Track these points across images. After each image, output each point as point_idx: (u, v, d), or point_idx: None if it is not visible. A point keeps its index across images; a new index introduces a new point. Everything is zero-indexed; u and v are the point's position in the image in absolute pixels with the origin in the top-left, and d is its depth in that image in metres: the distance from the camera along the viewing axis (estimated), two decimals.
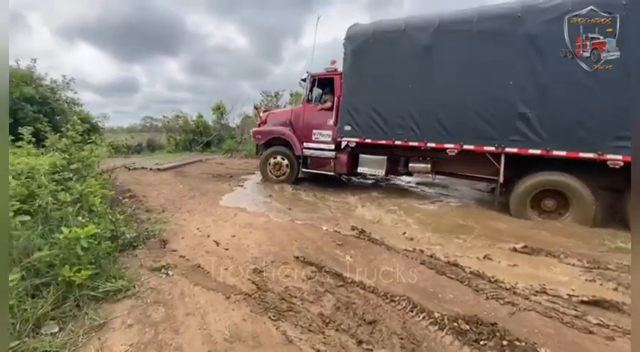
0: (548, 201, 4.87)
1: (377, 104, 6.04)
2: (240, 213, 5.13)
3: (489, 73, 5.09)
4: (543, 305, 2.72)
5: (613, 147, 4.34)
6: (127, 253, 3.48)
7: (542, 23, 4.68)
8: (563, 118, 4.63)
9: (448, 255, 3.67)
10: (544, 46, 4.70)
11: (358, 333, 2.33)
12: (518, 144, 4.91)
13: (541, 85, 4.75)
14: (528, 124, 4.84)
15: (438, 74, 5.49)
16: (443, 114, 5.48)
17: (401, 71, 5.78)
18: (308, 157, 7.08)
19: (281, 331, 2.31)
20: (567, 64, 4.56)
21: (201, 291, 2.79)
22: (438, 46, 5.46)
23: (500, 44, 4.98)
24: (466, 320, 2.43)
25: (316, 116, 6.94)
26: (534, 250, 3.85)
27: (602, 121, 4.41)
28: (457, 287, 2.99)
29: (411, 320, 2.51)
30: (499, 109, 5.03)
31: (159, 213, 4.98)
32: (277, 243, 3.91)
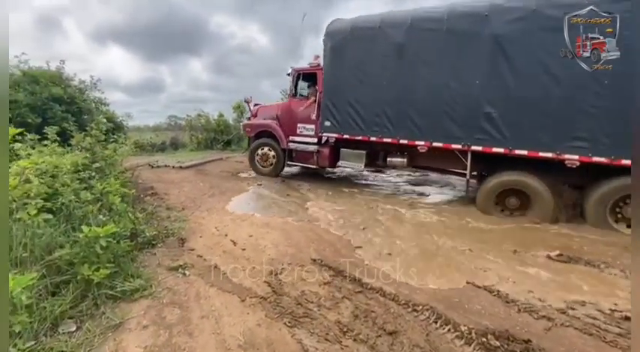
0: (511, 199, 4.96)
1: (354, 101, 6.15)
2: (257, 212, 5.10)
3: (458, 73, 5.15)
4: (582, 321, 2.48)
5: (570, 147, 4.43)
6: (146, 251, 3.49)
7: (506, 23, 4.72)
8: (525, 119, 4.71)
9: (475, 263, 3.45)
10: (508, 46, 4.75)
11: (378, 344, 2.20)
12: (484, 142, 5.00)
13: (505, 85, 4.79)
14: (493, 124, 4.91)
15: (410, 72, 5.54)
16: (414, 112, 5.59)
17: (377, 68, 5.86)
18: (293, 150, 7.32)
19: (296, 339, 2.21)
20: (530, 66, 4.64)
21: (216, 293, 2.74)
22: (411, 44, 5.50)
23: (468, 43, 5.02)
24: (496, 336, 2.24)
25: (301, 110, 7.13)
26: (571, 258, 3.56)
27: (559, 122, 4.49)
28: (485, 297, 2.79)
29: (434, 332, 2.34)
30: (466, 108, 5.11)
31: (179, 211, 5.02)
32: (294, 244, 3.82)
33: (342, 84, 6.27)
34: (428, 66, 5.40)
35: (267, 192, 6.34)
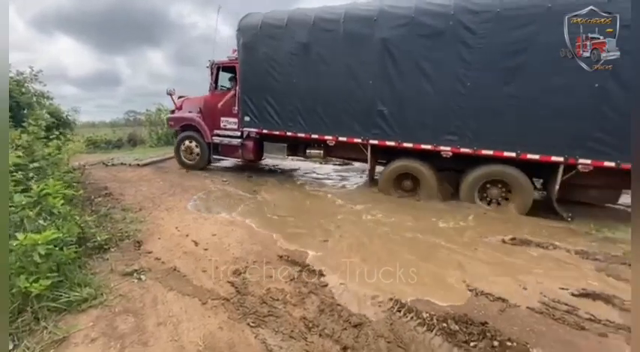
0: (406, 182, 5.62)
1: (270, 96, 6.32)
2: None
3: (354, 73, 5.50)
4: (533, 300, 2.64)
5: (444, 141, 5.03)
6: (97, 257, 3.24)
7: (392, 28, 5.09)
8: (409, 116, 5.23)
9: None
10: (394, 49, 5.13)
11: (343, 338, 2.19)
12: (379, 136, 5.52)
13: (393, 85, 5.24)
14: (385, 120, 5.39)
15: (316, 71, 5.79)
16: (321, 108, 5.89)
17: (286, 66, 6.04)
18: (218, 144, 7.32)
19: (260, 339, 2.15)
20: (411, 68, 5.09)
21: (175, 297, 2.59)
22: (314, 44, 5.72)
23: (362, 45, 5.35)
24: (455, 320, 2.32)
25: (223, 104, 7.03)
26: (523, 242, 3.80)
27: (435, 120, 5.06)
28: (445, 284, 2.88)
29: (398, 321, 2.38)
30: (363, 106, 5.54)
31: (135, 212, 4.71)
32: (260, 241, 3.73)
33: (257, 79, 6.37)
34: (329, 65, 5.68)
35: (232, 189, 6.14)
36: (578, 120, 4.25)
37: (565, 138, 4.36)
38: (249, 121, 6.66)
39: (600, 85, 4.07)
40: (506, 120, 4.62)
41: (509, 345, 2.10)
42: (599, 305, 2.62)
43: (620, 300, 2.65)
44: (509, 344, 2.11)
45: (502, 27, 4.46)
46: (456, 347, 2.12)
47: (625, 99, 3.95)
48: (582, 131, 4.26)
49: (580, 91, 4.18)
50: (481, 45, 4.61)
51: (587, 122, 4.22)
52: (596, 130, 4.19)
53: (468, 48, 4.67)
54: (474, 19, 4.60)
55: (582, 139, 4.28)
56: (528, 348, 2.07)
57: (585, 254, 3.48)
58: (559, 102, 4.30)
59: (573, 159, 4.35)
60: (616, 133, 4.09)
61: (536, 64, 4.34)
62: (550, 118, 4.37)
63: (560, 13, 4.14)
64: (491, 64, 4.58)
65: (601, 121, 4.14)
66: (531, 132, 4.51)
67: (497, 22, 4.48)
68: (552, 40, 4.19)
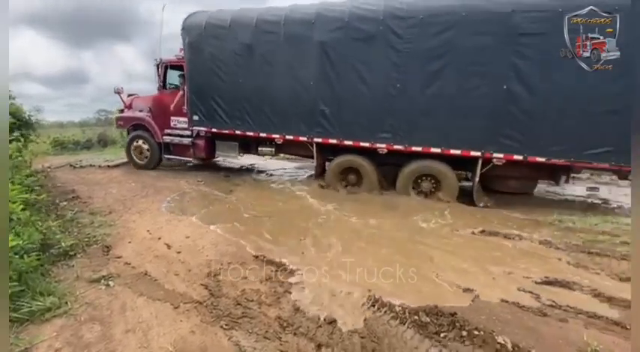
0: (351, 175, 5.88)
1: (217, 96, 6.35)
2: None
3: (296, 73, 5.67)
4: (501, 289, 2.76)
5: (379, 138, 5.34)
6: (62, 264, 3.09)
7: (329, 31, 5.31)
8: (348, 115, 5.49)
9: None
10: (331, 51, 5.35)
11: (317, 336, 2.21)
12: (322, 135, 5.74)
13: (332, 86, 5.46)
14: (327, 119, 5.62)
15: (260, 71, 5.93)
16: (268, 108, 6.03)
17: (232, 66, 6.11)
18: (169, 144, 7.27)
19: (233, 341, 2.12)
20: (347, 70, 5.32)
21: (145, 303, 2.52)
22: (257, 45, 5.85)
23: (302, 47, 5.53)
24: (426, 312, 2.38)
25: (173, 103, 6.99)
26: (491, 233, 3.95)
27: (371, 119, 5.34)
28: (418, 277, 2.96)
29: (372, 316, 2.42)
30: (306, 106, 5.72)
31: (105, 215, 4.52)
32: (235, 242, 3.68)
33: (204, 79, 6.38)
34: (273, 66, 5.82)
35: (207, 190, 6.02)
36: (490, 119, 4.68)
37: (481, 135, 4.78)
38: (199, 120, 6.65)
39: (508, 86, 4.49)
40: (432, 119, 5.00)
41: (477, 334, 2.18)
42: (561, 291, 2.77)
43: (580, 286, 2.82)
44: (476, 332, 2.19)
45: (425, 32, 4.77)
46: (427, 338, 2.18)
47: (529, 99, 4.42)
48: (494, 129, 4.69)
49: (491, 93, 4.59)
50: (408, 49, 4.90)
51: (499, 120, 4.64)
52: (506, 128, 4.62)
53: (397, 52, 4.95)
54: (401, 25, 4.88)
55: (495, 136, 4.70)
56: (494, 336, 2.15)
57: (549, 243, 3.67)
58: (474, 102, 4.70)
59: (489, 154, 4.78)
60: (523, 130, 4.55)
61: (454, 67, 4.72)
62: (467, 117, 4.77)
63: (474, 21, 4.53)
64: (417, 67, 4.90)
65: (510, 120, 4.57)
66: (453, 130, 4.90)
67: (421, 28, 4.79)
68: (468, 45, 4.57)
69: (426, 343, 2.15)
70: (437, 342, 2.14)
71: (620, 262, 3.22)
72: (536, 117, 4.46)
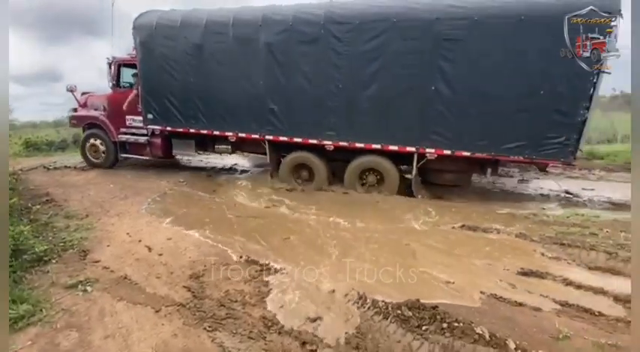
0: (303, 171, 6.10)
1: (170, 95, 6.40)
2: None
3: (246, 73, 5.82)
4: (481, 281, 2.86)
5: (325, 136, 5.56)
6: (37, 270, 2.98)
7: (275, 33, 5.49)
8: (296, 114, 5.72)
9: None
10: (277, 53, 5.54)
11: (302, 333, 2.22)
12: (273, 132, 5.89)
13: (280, 85, 5.65)
14: (276, 117, 5.81)
15: (211, 71, 6.04)
16: (220, 106, 6.14)
17: (183, 65, 6.19)
18: (125, 142, 7.21)
19: (217, 343, 2.11)
20: (292, 70, 5.52)
21: (125, 307, 2.46)
22: (207, 45, 5.95)
23: (250, 48, 5.69)
24: (409, 307, 2.44)
25: (128, 102, 6.90)
26: (471, 227, 4.07)
27: (316, 117, 5.59)
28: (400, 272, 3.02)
29: (356, 312, 2.46)
30: (257, 104, 5.87)
31: (81, 218, 4.37)
32: (218, 243, 3.64)
33: (156, 78, 6.41)
34: (223, 66, 5.94)
35: (189, 190, 5.91)
36: (422, 118, 5.03)
37: (415, 132, 5.12)
38: (153, 119, 6.65)
39: (436, 87, 4.82)
40: (371, 117, 5.30)
41: (457, 325, 2.26)
42: (535, 281, 2.90)
43: (553, 276, 2.95)
44: (456, 324, 2.27)
45: (361, 37, 5.06)
46: (409, 332, 2.24)
47: (454, 99, 4.78)
48: (426, 126, 5.04)
49: (422, 93, 4.92)
50: (347, 52, 5.17)
51: (429, 119, 5.00)
52: (436, 125, 4.97)
53: (337, 54, 5.23)
54: (340, 29, 5.16)
55: (427, 133, 5.05)
56: (473, 327, 2.23)
57: (524, 236, 3.82)
58: (407, 102, 5.03)
59: (422, 149, 5.11)
60: (450, 128, 4.91)
61: (388, 69, 5.01)
62: (402, 116, 5.12)
63: (404, 27, 4.83)
64: (356, 68, 5.18)
65: (438, 118, 4.93)
66: (390, 127, 5.23)
67: (357, 33, 5.08)
68: (400, 49, 4.90)
69: (408, 337, 2.21)
70: (419, 336, 2.20)
71: (589, 252, 3.39)
72: (460, 115, 4.83)
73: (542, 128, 4.51)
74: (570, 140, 4.43)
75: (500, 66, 4.52)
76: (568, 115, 4.36)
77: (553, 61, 4.24)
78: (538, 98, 4.39)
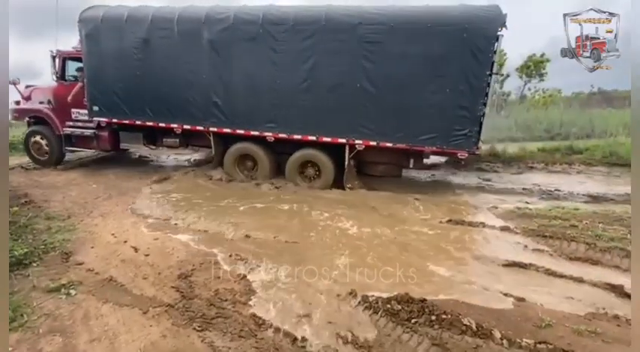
0: (248, 162, 6.38)
1: (116, 87, 6.50)
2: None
3: (191, 67, 6.04)
4: (468, 274, 2.92)
5: (267, 128, 5.88)
6: (16, 274, 2.87)
7: (217, 31, 5.77)
8: (239, 106, 6.00)
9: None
10: (220, 48, 5.80)
11: (294, 330, 2.22)
12: (216, 124, 6.14)
13: (222, 79, 5.92)
14: (220, 110, 6.06)
15: (156, 64, 6.23)
16: (165, 99, 6.31)
17: (129, 58, 6.32)
18: (71, 136, 7.15)
19: (207, 342, 2.09)
20: (236, 65, 5.80)
21: (111, 310, 2.41)
22: (153, 40, 6.14)
23: (194, 44, 5.93)
24: (398, 301, 2.47)
25: (74, 95, 6.83)
26: (457, 222, 4.16)
27: (258, 110, 5.86)
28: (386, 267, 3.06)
29: (347, 306, 2.48)
30: (201, 97, 6.12)
31: (63, 220, 4.22)
32: (207, 241, 3.60)
33: (102, 70, 6.49)
34: (169, 60, 6.15)
35: (172, 187, 5.80)
36: (350, 112, 5.45)
37: (344, 125, 5.53)
38: (99, 111, 6.67)
39: (360, 85, 5.26)
40: (306, 111, 5.65)
41: (445, 318, 2.31)
42: (520, 272, 2.99)
43: (536, 267, 3.05)
44: (444, 316, 2.31)
45: (295, 37, 5.45)
46: (399, 325, 2.27)
47: (377, 95, 5.23)
48: (354, 119, 5.46)
49: (349, 90, 5.33)
50: (283, 50, 5.54)
51: (356, 113, 5.43)
52: (362, 119, 5.41)
53: (275, 52, 5.59)
54: (276, 29, 5.52)
55: (355, 125, 5.46)
56: (460, 318, 2.28)
57: (508, 229, 3.92)
58: (337, 98, 5.42)
59: (352, 140, 5.50)
60: (374, 121, 5.37)
61: (320, 67, 5.41)
62: (333, 110, 5.51)
63: (332, 29, 5.25)
64: (291, 66, 5.56)
65: (364, 112, 5.38)
66: (323, 120, 5.61)
67: (291, 33, 5.45)
68: (329, 49, 5.31)
69: (398, 330, 2.24)
70: (408, 329, 2.23)
71: (570, 244, 3.52)
72: (382, 110, 5.31)
73: (450, 122, 5.03)
74: (472, 132, 4.98)
75: (413, 66, 5.03)
76: (470, 110, 4.91)
77: (454, 63, 4.84)
78: (445, 95, 4.95)
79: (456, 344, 2.08)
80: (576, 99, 16.67)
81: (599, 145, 8.18)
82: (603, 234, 3.63)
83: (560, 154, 8.04)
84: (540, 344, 2.07)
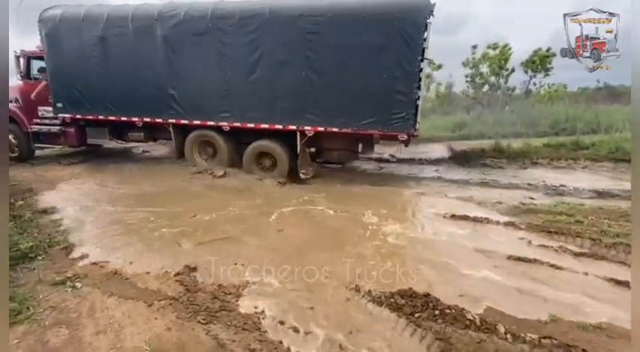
0: (208, 149, 6.72)
1: (77, 83, 6.81)
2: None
3: (147, 62, 6.40)
4: (474, 268, 2.91)
5: (221, 117, 6.22)
6: (22, 267, 2.90)
7: (170, 27, 6.13)
8: (193, 98, 6.35)
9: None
10: (173, 43, 6.18)
11: (297, 323, 2.23)
12: (175, 116, 6.50)
13: (177, 73, 6.29)
14: (177, 102, 6.42)
15: (115, 61, 6.57)
16: (125, 94, 6.64)
17: (88, 56, 6.65)
18: (39, 133, 7.36)
19: (212, 335, 2.10)
20: (188, 59, 6.18)
21: (116, 303, 2.42)
22: (109, 38, 6.48)
23: (149, 40, 6.28)
24: (401, 295, 2.47)
25: (39, 93, 7.10)
26: (461, 217, 4.14)
27: (212, 101, 6.24)
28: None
29: (351, 300, 2.48)
30: (158, 91, 6.45)
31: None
32: (210, 229, 3.61)
33: (63, 68, 6.83)
34: (126, 56, 6.49)
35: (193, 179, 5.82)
36: (298, 99, 5.75)
37: (294, 112, 5.81)
38: (62, 108, 6.93)
39: (305, 73, 5.57)
40: (257, 100, 5.97)
41: (449, 312, 2.30)
42: (527, 266, 2.98)
43: (540, 262, 3.03)
44: (448, 311, 2.31)
45: (242, 30, 5.76)
46: (403, 318, 2.27)
47: (320, 83, 5.55)
48: (302, 107, 5.75)
49: (295, 78, 5.64)
50: (231, 43, 5.86)
51: (303, 100, 5.72)
52: (309, 106, 5.71)
53: (224, 45, 5.91)
54: (224, 23, 5.84)
55: (303, 112, 5.75)
56: (464, 313, 2.28)
57: (513, 225, 3.90)
58: (285, 86, 5.76)
59: (302, 127, 5.79)
60: (320, 107, 5.67)
61: (267, 58, 5.74)
62: (282, 99, 5.84)
63: (276, 22, 5.56)
64: (240, 57, 5.87)
65: (310, 99, 5.68)
66: (274, 109, 5.93)
67: (238, 26, 5.77)
68: (274, 41, 5.65)
69: (401, 323, 2.24)
70: (412, 323, 2.23)
71: (575, 239, 3.49)
72: (326, 97, 5.62)
73: (388, 106, 5.32)
74: (409, 115, 5.28)
75: (352, 54, 5.33)
76: (405, 94, 5.22)
77: (389, 50, 5.13)
78: (382, 81, 5.26)
79: (459, 339, 2.07)
80: (582, 95, 16.46)
81: (605, 141, 8.10)
82: (609, 230, 3.61)
83: (566, 150, 7.96)
84: (545, 339, 2.06)
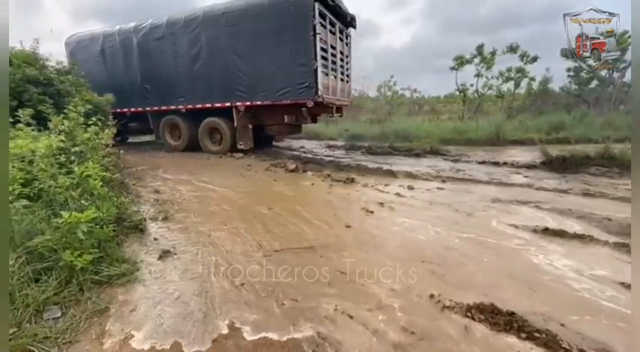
0: (176, 131, 9.36)
1: (98, 86, 8.64)
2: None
3: (130, 66, 9.51)
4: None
5: (177, 102, 8.84)
6: (134, 236, 3.45)
7: (141, 36, 9.11)
8: (160, 89, 9.10)
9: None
10: (143, 48, 9.20)
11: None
12: (149, 105, 9.49)
13: (151, 71, 9.22)
14: (150, 93, 9.35)
15: (111, 69, 9.86)
16: (120, 91, 8.89)
17: (94, 65, 9.80)
18: None
19: None
20: (154, 58, 9.10)
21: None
22: (106, 52, 9.83)
23: (130, 49, 9.38)
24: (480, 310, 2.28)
25: None
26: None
27: (172, 88, 8.91)
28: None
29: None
30: (138, 86, 9.45)
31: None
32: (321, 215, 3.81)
33: (87, 74, 8.70)
34: (117, 62, 9.66)
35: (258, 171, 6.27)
36: (229, 80, 7.91)
37: (228, 91, 7.92)
38: None
39: (232, 58, 7.77)
40: (202, 84, 8.32)
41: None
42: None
43: None
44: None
45: (186, 31, 8.23)
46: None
47: (243, 64, 7.71)
48: (233, 86, 7.87)
49: (226, 63, 7.89)
50: (181, 42, 8.42)
51: (233, 80, 7.86)
52: (238, 85, 7.81)
53: (176, 44, 8.47)
54: (174, 27, 8.46)
55: (234, 91, 7.86)
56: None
57: (624, 246, 3.28)
58: (220, 70, 8.01)
59: (234, 103, 7.84)
60: (245, 85, 7.76)
61: (205, 50, 8.12)
62: (218, 80, 8.05)
63: (207, 21, 7.99)
64: (186, 52, 8.39)
65: (238, 79, 7.82)
66: (213, 90, 8.18)
67: (183, 29, 8.29)
68: (208, 35, 8.00)
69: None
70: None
71: None
72: (248, 75, 7.63)
73: (295, 77, 6.94)
74: (312, 83, 6.83)
75: (263, 37, 7.17)
76: (307, 66, 6.81)
77: (289, 30, 6.92)
78: (287, 57, 6.96)
79: None
80: None
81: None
82: None
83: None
84: None
